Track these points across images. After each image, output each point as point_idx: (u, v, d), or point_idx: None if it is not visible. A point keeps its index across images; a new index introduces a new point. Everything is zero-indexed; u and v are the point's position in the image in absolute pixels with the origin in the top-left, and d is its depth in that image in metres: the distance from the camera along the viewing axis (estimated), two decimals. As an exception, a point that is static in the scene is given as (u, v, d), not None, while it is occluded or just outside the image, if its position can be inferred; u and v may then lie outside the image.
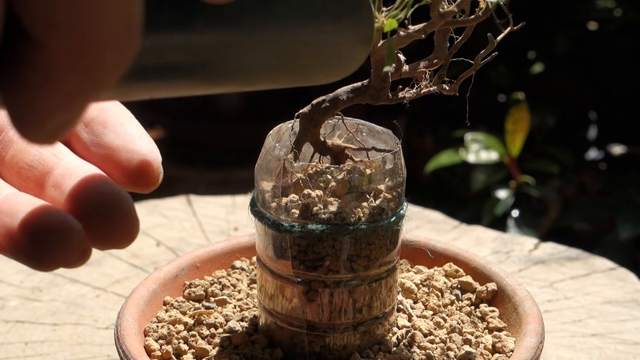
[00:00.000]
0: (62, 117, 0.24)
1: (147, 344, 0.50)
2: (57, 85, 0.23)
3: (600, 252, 0.83)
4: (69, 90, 0.24)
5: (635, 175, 1.51)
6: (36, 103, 0.24)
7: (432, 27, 0.43)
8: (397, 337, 0.51)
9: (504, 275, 0.56)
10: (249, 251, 0.60)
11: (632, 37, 1.73)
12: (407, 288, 0.55)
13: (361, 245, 0.47)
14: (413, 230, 0.79)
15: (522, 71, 1.74)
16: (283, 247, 0.47)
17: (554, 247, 0.78)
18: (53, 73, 0.23)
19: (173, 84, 0.30)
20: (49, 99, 0.24)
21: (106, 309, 0.67)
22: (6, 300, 0.68)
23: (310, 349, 0.48)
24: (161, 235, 0.80)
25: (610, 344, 0.62)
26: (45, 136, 0.25)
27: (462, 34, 0.46)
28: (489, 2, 0.43)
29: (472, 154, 1.39)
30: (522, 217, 1.36)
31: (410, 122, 1.84)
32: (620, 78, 1.74)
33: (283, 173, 0.46)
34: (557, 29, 1.78)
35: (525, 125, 1.33)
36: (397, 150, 0.48)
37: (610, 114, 1.81)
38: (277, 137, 0.48)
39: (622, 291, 0.70)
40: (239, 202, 0.87)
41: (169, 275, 0.56)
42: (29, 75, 0.23)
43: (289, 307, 0.48)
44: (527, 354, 0.47)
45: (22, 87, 0.24)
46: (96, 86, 0.24)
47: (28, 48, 0.23)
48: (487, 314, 0.54)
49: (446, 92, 0.47)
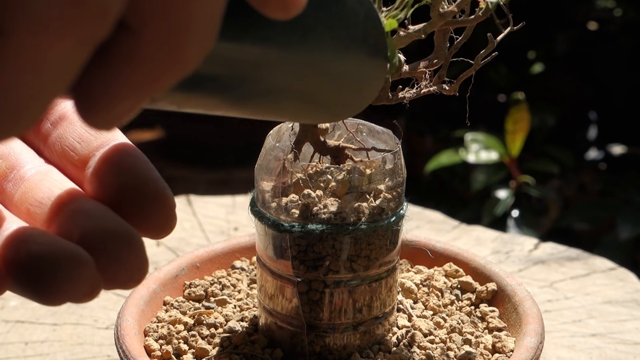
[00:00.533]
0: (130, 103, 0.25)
1: (147, 344, 0.50)
2: (137, 71, 0.24)
3: (600, 252, 0.83)
4: (146, 77, 0.24)
5: (635, 175, 1.51)
6: (112, 87, 0.24)
7: (432, 27, 0.43)
8: (397, 337, 0.51)
9: (504, 275, 0.56)
10: (249, 251, 0.60)
11: (632, 37, 1.73)
12: (407, 288, 0.55)
13: (361, 245, 0.47)
14: (413, 230, 0.79)
15: (522, 71, 1.74)
16: (283, 247, 0.47)
17: (554, 247, 0.78)
18: (137, 59, 0.24)
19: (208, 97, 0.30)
20: (125, 83, 0.24)
21: (106, 309, 0.67)
22: (6, 300, 0.68)
23: (310, 349, 0.48)
24: (161, 235, 0.79)
25: (610, 344, 0.62)
26: (109, 120, 0.25)
27: (462, 34, 0.46)
28: (489, 2, 0.43)
29: (472, 154, 1.39)
30: (522, 217, 1.36)
31: (410, 122, 1.84)
32: (620, 78, 1.74)
33: (283, 173, 0.46)
34: (557, 29, 1.78)
35: (525, 125, 1.33)
36: (397, 150, 0.48)
37: (610, 114, 1.81)
38: (277, 137, 0.48)
39: (622, 291, 0.70)
40: (239, 202, 0.87)
41: (169, 275, 0.56)
42: (113, 57, 0.24)
43: (289, 307, 0.48)
44: (527, 354, 0.47)
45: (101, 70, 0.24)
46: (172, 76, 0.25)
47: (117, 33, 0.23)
48: (487, 314, 0.54)
49: (446, 92, 0.47)
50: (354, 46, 0.34)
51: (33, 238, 0.28)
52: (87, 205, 0.31)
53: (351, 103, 0.37)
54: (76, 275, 0.27)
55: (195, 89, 0.29)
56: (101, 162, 0.33)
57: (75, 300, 0.27)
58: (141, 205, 0.30)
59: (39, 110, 0.23)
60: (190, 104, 0.30)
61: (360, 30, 0.34)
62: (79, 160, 0.34)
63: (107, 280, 0.28)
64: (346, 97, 0.37)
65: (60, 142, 0.35)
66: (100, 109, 0.24)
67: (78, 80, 0.24)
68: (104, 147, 0.34)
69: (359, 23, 0.34)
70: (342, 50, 0.33)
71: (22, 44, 0.22)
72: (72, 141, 0.35)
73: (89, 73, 0.24)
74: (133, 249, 0.29)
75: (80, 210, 0.30)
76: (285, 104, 0.34)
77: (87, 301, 0.27)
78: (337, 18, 0.32)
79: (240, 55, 0.29)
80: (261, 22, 0.29)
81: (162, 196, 0.31)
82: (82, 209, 0.30)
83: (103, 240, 0.28)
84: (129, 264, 0.28)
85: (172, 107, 0.30)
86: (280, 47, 0.31)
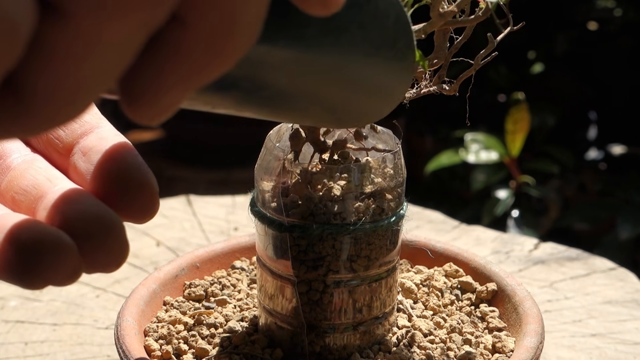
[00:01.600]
0: (176, 96, 0.25)
1: (147, 344, 0.50)
2: (183, 63, 0.24)
3: (600, 252, 0.83)
4: (192, 68, 0.24)
5: (635, 175, 1.52)
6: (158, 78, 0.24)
7: (432, 27, 0.43)
8: (397, 337, 0.51)
9: (504, 275, 0.56)
10: (249, 251, 0.60)
11: (632, 37, 1.73)
12: (407, 288, 0.55)
13: (361, 245, 0.47)
14: (413, 230, 0.79)
15: (522, 71, 1.74)
16: (283, 247, 0.47)
17: (554, 247, 0.78)
18: (185, 50, 0.24)
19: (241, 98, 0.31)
20: (171, 74, 0.24)
21: (106, 309, 0.67)
22: (6, 300, 0.68)
23: (310, 349, 0.48)
24: (161, 235, 0.80)
25: (610, 344, 0.62)
26: (153, 113, 0.25)
27: (462, 34, 0.46)
28: (489, 2, 0.43)
29: (472, 154, 1.39)
30: (522, 217, 1.36)
31: (410, 122, 1.84)
32: (620, 78, 1.74)
33: (283, 173, 0.46)
34: (557, 29, 1.78)
35: (525, 125, 1.33)
36: (397, 150, 0.48)
37: (610, 114, 1.81)
38: (277, 137, 0.48)
39: (622, 291, 0.70)
40: (239, 202, 0.87)
41: (169, 275, 0.56)
42: (161, 48, 0.24)
43: (289, 307, 0.48)
44: (527, 354, 0.47)
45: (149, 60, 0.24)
46: (217, 68, 0.25)
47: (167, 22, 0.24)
48: (487, 314, 0.54)
49: (446, 92, 0.47)
50: (385, 49, 0.34)
51: (17, 224, 0.28)
52: (70, 191, 0.31)
53: (377, 107, 0.37)
54: (59, 260, 0.27)
55: (230, 89, 0.29)
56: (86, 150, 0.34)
57: (57, 284, 0.28)
58: (125, 192, 0.31)
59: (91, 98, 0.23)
60: (224, 104, 0.31)
61: (391, 32, 0.34)
62: (64, 147, 0.35)
63: (88, 264, 0.29)
64: (374, 101, 0.37)
65: None
66: (145, 102, 0.25)
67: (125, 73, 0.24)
68: (88, 134, 0.35)
69: (390, 25, 0.33)
70: (373, 53, 0.33)
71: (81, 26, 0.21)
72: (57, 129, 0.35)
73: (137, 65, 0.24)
74: (114, 234, 0.29)
75: (63, 197, 0.31)
76: (313, 107, 0.35)
77: (68, 284, 0.28)
78: (369, 19, 0.32)
79: (274, 55, 0.29)
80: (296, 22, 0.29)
81: (146, 182, 0.31)
82: (65, 196, 0.31)
83: (85, 226, 0.29)
84: (111, 249, 0.29)
85: (206, 107, 0.30)
86: (313, 47, 0.31)
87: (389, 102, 0.37)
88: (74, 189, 0.32)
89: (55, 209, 0.30)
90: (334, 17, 0.28)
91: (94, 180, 0.32)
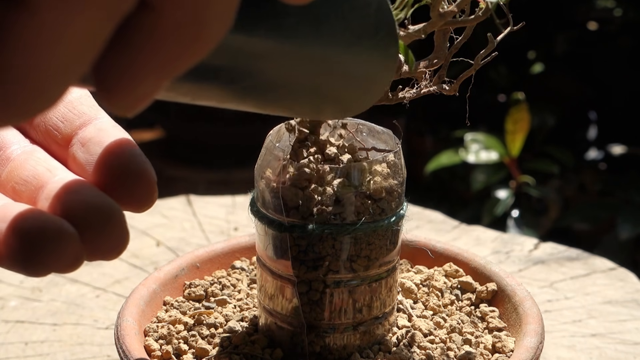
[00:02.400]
0: (151, 84, 0.25)
1: (147, 344, 0.50)
2: (157, 50, 0.24)
3: (600, 252, 0.83)
4: (166, 56, 0.24)
5: (635, 175, 1.52)
6: (132, 66, 0.24)
7: (432, 27, 0.43)
8: (397, 337, 0.51)
9: (504, 275, 0.56)
10: (249, 251, 0.60)
11: (632, 37, 1.73)
12: (407, 288, 0.55)
13: (361, 245, 0.47)
14: (413, 230, 0.79)
15: (522, 71, 1.74)
16: (283, 247, 0.47)
17: (554, 247, 0.78)
18: (157, 37, 0.24)
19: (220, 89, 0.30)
20: (145, 62, 0.24)
21: (106, 309, 0.67)
22: (6, 300, 0.68)
23: (310, 349, 0.48)
24: (161, 235, 0.80)
25: (610, 344, 0.62)
26: (130, 103, 0.25)
27: (462, 34, 0.46)
28: (489, 2, 0.43)
29: (472, 154, 1.39)
30: (522, 217, 1.36)
31: (410, 122, 1.84)
32: (620, 78, 1.74)
33: (283, 173, 0.46)
34: (557, 29, 1.78)
35: (525, 125, 1.33)
36: (397, 150, 0.48)
37: (610, 114, 1.81)
38: (277, 137, 0.48)
39: (622, 291, 0.70)
40: (239, 202, 0.87)
41: (169, 275, 0.56)
42: (133, 36, 0.24)
43: (289, 307, 0.48)
44: (527, 354, 0.47)
45: (122, 48, 0.24)
46: (191, 57, 0.25)
47: (138, 10, 0.23)
48: (487, 314, 0.54)
49: (446, 92, 0.47)
50: (366, 38, 0.34)
51: (20, 213, 0.29)
52: (71, 182, 0.32)
53: (361, 97, 0.37)
54: (61, 247, 0.28)
55: (208, 80, 0.29)
56: (85, 141, 0.34)
57: (59, 271, 0.28)
58: (124, 181, 0.32)
59: (60, 91, 0.23)
60: (203, 95, 0.31)
61: (372, 21, 0.33)
62: (62, 139, 0.35)
63: (90, 251, 0.29)
64: (356, 91, 0.36)
65: (44, 122, 0.36)
66: (120, 91, 0.25)
67: (98, 62, 0.24)
68: (86, 125, 0.35)
69: (372, 14, 0.33)
70: (355, 42, 0.33)
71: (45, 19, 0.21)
72: (56, 120, 0.36)
73: (110, 53, 0.24)
74: (115, 222, 0.30)
75: (64, 187, 0.31)
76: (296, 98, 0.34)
77: (70, 272, 0.29)
78: (349, 9, 0.32)
79: (253, 46, 0.29)
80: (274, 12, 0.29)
81: (144, 172, 0.32)
82: (65, 186, 0.31)
83: (85, 214, 0.29)
84: (111, 236, 0.30)
85: (186, 98, 0.30)
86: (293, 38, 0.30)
87: (372, 93, 0.37)
88: (74, 180, 0.32)
89: (57, 198, 0.31)
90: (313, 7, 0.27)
91: (94, 170, 0.32)
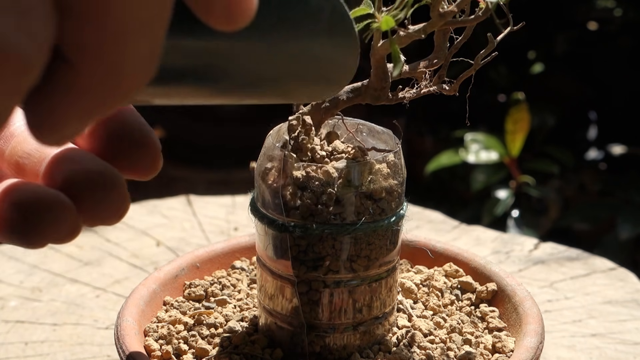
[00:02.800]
0: (76, 126, 0.26)
1: (147, 344, 0.50)
2: (78, 100, 0.25)
3: (600, 252, 0.83)
4: (87, 105, 0.26)
5: (635, 175, 1.51)
6: (56, 112, 0.25)
7: (432, 27, 0.43)
8: (397, 337, 0.51)
9: (504, 275, 0.56)
10: (249, 251, 0.60)
11: (632, 37, 1.73)
12: (407, 288, 0.55)
13: (361, 245, 0.47)
14: (413, 230, 0.79)
15: (522, 71, 1.74)
16: (283, 247, 0.47)
17: (554, 247, 0.78)
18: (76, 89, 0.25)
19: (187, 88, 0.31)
20: (68, 110, 0.25)
21: (106, 309, 0.67)
22: (6, 300, 0.68)
23: (310, 349, 0.48)
24: (161, 235, 0.80)
25: (610, 344, 0.62)
26: (57, 140, 0.26)
27: (462, 34, 0.46)
28: (489, 2, 0.43)
29: (472, 154, 1.39)
30: (522, 217, 1.36)
31: (410, 122, 1.84)
32: (620, 78, 1.74)
33: (283, 173, 0.46)
34: (557, 29, 1.78)
35: (525, 125, 1.33)
36: (397, 150, 0.48)
37: (610, 114, 1.81)
38: (277, 137, 0.48)
39: (622, 291, 0.70)
40: (239, 202, 0.87)
41: (169, 275, 0.56)
42: (55, 87, 0.25)
43: (289, 307, 0.48)
44: (527, 354, 0.47)
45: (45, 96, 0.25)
46: (112, 104, 0.26)
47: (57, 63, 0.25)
48: (487, 314, 0.54)
49: (446, 92, 0.47)
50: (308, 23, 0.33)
51: (16, 186, 0.30)
52: (72, 151, 0.33)
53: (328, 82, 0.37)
54: (58, 217, 0.29)
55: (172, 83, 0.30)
56: None
57: (57, 241, 0.30)
58: (129, 151, 0.33)
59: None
60: (172, 96, 0.31)
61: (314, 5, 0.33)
62: None
63: (92, 216, 0.30)
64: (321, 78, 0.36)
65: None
66: (46, 129, 0.26)
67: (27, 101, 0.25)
68: None
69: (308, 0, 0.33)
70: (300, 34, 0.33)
71: None
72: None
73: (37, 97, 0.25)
74: (114, 187, 0.31)
75: (65, 157, 0.32)
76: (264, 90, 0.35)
77: (67, 242, 0.30)
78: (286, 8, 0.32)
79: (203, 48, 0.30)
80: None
81: (148, 140, 0.33)
82: (67, 156, 0.32)
83: (85, 180, 0.30)
84: (111, 201, 0.31)
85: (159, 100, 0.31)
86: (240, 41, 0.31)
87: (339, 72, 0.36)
88: (74, 149, 0.33)
89: (58, 168, 0.31)
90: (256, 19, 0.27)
91: (96, 139, 0.33)
